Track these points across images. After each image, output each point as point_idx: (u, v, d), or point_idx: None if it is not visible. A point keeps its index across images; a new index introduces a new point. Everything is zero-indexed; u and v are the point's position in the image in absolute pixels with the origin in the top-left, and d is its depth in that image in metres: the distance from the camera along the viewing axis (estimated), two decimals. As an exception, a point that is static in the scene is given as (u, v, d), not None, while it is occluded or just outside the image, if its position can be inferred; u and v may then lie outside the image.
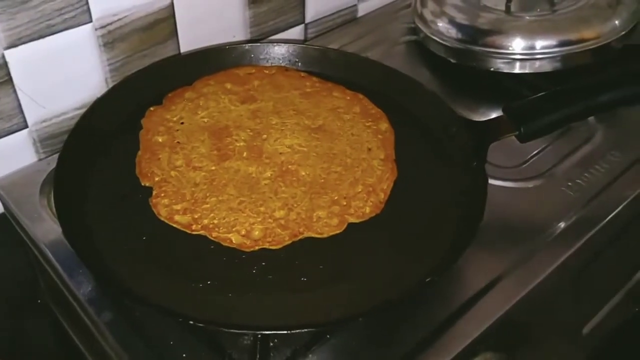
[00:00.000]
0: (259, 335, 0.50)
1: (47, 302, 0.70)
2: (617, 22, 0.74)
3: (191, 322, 0.47)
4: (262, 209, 0.57)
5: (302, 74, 0.72)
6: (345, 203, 0.58)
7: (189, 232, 0.55)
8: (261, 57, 0.74)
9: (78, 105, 0.71)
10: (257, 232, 0.55)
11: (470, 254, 0.53)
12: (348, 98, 0.68)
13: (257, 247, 0.54)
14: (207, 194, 0.58)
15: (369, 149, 0.63)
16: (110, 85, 0.72)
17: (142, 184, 0.59)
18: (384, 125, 0.66)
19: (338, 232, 0.56)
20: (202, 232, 0.55)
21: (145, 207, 0.57)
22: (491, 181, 0.60)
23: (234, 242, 0.55)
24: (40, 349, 0.70)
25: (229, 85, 0.69)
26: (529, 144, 0.63)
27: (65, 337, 0.67)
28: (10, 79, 0.64)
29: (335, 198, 0.58)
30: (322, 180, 0.59)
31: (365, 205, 0.58)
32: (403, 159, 0.63)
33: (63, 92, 0.69)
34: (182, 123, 0.65)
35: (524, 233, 0.61)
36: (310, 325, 0.49)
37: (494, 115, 0.72)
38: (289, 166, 0.60)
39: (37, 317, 0.71)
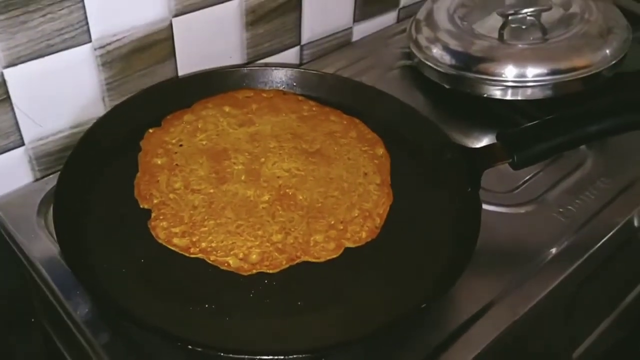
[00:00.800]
0: None
1: (41, 321, 0.70)
2: (607, 51, 0.75)
3: (190, 347, 0.47)
4: (259, 232, 0.57)
5: (300, 97, 0.73)
6: (342, 227, 0.58)
7: (187, 255, 0.56)
8: (260, 80, 0.75)
9: (75, 124, 0.71)
10: (254, 256, 0.56)
11: (462, 279, 0.54)
12: (345, 122, 0.69)
13: (254, 271, 0.55)
14: (206, 217, 0.58)
15: (365, 174, 0.63)
16: (108, 105, 0.72)
17: (141, 206, 0.60)
18: (380, 150, 0.67)
19: (335, 256, 0.57)
20: (200, 255, 0.56)
21: (144, 229, 0.58)
22: (484, 206, 0.60)
23: (231, 265, 0.55)
24: (33, 368, 0.70)
25: (227, 109, 0.70)
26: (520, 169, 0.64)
27: (58, 357, 0.67)
28: (9, 97, 0.65)
29: (332, 222, 0.59)
30: (319, 205, 0.60)
31: (361, 230, 0.59)
32: (398, 184, 0.64)
33: (60, 111, 0.70)
34: (180, 145, 0.65)
35: (516, 258, 0.62)
36: (307, 351, 0.50)
37: (486, 140, 0.74)
38: (287, 190, 0.61)
39: (31, 336, 0.71)
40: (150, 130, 0.67)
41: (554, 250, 0.63)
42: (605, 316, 0.80)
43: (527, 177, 0.70)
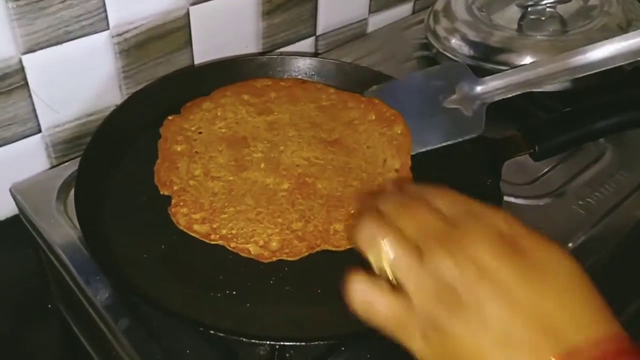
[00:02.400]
0: (277, 346, 0.50)
1: (58, 306, 0.70)
2: (627, 44, 0.75)
3: (212, 332, 0.47)
4: (279, 220, 0.57)
5: (319, 86, 0.72)
6: None
7: (207, 241, 0.56)
8: (278, 69, 0.74)
9: (91, 111, 0.71)
10: (275, 243, 0.56)
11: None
12: (362, 106, 0.69)
13: (274, 258, 0.55)
14: (226, 204, 0.58)
15: (385, 160, 0.63)
16: (124, 92, 0.72)
17: (161, 193, 0.60)
18: (399, 127, 0.66)
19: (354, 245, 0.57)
20: (220, 242, 0.56)
21: (164, 215, 0.57)
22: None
23: (252, 252, 0.55)
24: (50, 354, 0.70)
25: (246, 97, 0.70)
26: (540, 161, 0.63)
27: (75, 343, 0.67)
28: (26, 84, 0.65)
29: (352, 211, 0.58)
30: (339, 194, 0.60)
31: None
32: (419, 175, 0.63)
33: (77, 98, 0.70)
34: (200, 133, 0.65)
35: (535, 251, 0.62)
36: (329, 338, 0.50)
37: (502, 131, 0.73)
38: (306, 178, 0.61)
39: (47, 322, 0.71)
40: (170, 118, 0.67)
41: (572, 243, 0.62)
42: (622, 310, 0.80)
43: (546, 170, 0.70)
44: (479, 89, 0.67)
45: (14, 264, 0.71)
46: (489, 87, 0.67)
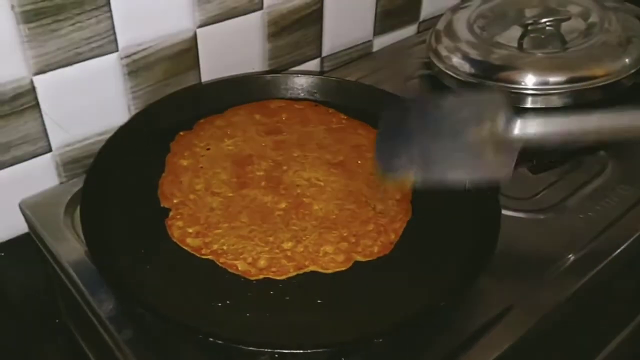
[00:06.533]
0: (276, 355, 0.51)
1: (66, 321, 0.71)
2: (627, 60, 0.75)
3: (211, 339, 0.48)
4: (270, 238, 0.57)
5: (330, 110, 0.73)
6: (354, 240, 0.58)
7: (198, 255, 0.57)
8: (281, 87, 0.76)
9: (101, 131, 0.72)
10: (263, 261, 0.56)
11: (481, 284, 0.54)
12: (372, 136, 0.68)
13: (261, 276, 0.55)
14: (221, 220, 0.59)
15: (386, 189, 0.63)
16: (133, 112, 0.73)
17: (161, 205, 0.61)
18: None
19: (343, 269, 0.56)
20: (210, 257, 0.56)
21: (164, 228, 0.59)
22: (503, 211, 0.60)
23: (239, 269, 0.55)
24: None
25: (258, 117, 0.71)
26: (541, 176, 0.63)
27: (83, 358, 0.68)
28: (37, 104, 0.66)
29: (345, 234, 0.58)
30: (334, 216, 0.60)
31: (374, 244, 0.58)
32: (419, 192, 0.63)
33: (87, 118, 0.71)
34: (208, 149, 0.66)
35: (535, 264, 0.62)
36: (329, 346, 0.50)
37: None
38: (304, 199, 0.61)
39: (55, 337, 0.72)
40: (182, 133, 0.68)
41: (573, 257, 0.62)
42: (624, 325, 0.79)
43: (547, 184, 0.70)
44: (516, 129, 0.54)
45: (24, 281, 0.72)
46: (527, 129, 0.54)
